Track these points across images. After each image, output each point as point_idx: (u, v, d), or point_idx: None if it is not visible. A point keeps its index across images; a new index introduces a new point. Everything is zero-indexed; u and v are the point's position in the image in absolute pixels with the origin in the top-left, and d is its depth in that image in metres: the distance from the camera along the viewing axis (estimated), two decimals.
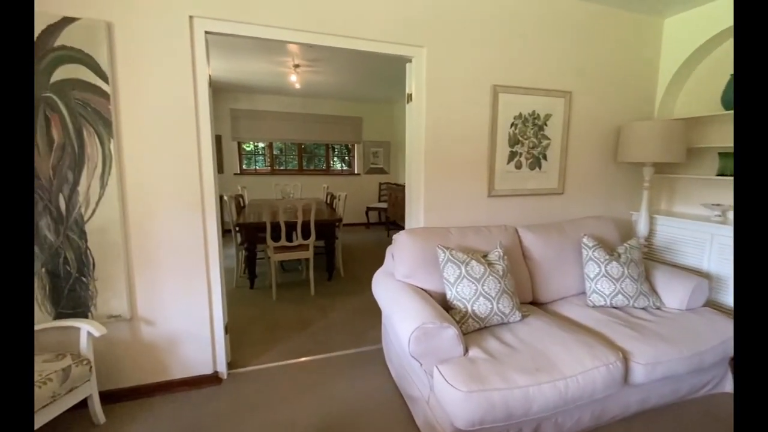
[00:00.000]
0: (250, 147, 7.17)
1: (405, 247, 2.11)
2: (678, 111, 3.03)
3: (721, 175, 2.66)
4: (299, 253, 3.60)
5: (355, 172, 7.71)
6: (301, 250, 3.62)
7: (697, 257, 2.65)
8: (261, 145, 7.17)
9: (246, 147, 7.10)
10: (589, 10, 2.70)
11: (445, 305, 1.93)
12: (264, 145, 7.16)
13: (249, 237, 3.69)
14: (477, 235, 2.25)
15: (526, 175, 2.73)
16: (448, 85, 2.42)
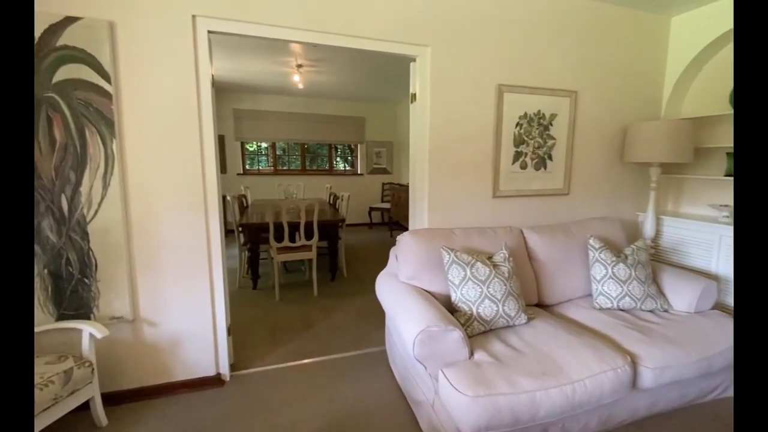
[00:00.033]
0: (253, 147, 7.16)
1: (409, 249, 2.09)
2: (685, 110, 2.99)
3: (729, 175, 2.63)
4: (302, 254, 3.59)
5: (358, 172, 7.70)
6: (304, 250, 3.61)
7: (704, 259, 2.61)
8: (264, 145, 7.17)
9: (249, 147, 7.10)
10: (595, 8, 2.66)
11: (450, 307, 1.91)
12: (267, 145, 7.15)
13: (252, 237, 3.68)
14: (482, 236, 2.23)
15: (532, 176, 2.70)
16: (453, 85, 2.40)
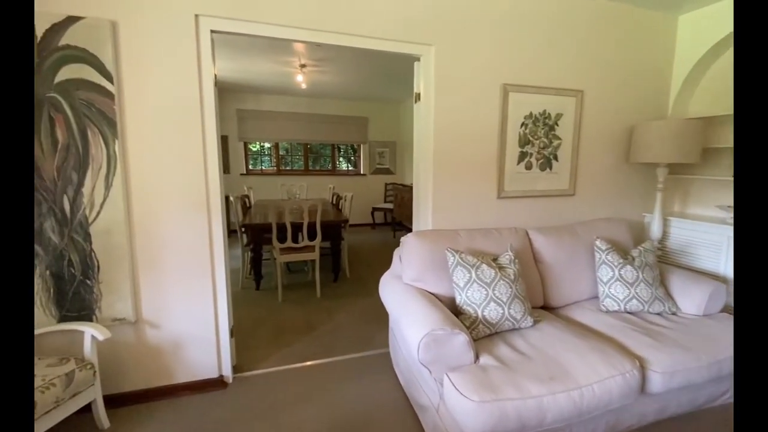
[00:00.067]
0: (256, 147, 7.16)
1: (413, 250, 2.06)
2: (693, 110, 2.95)
3: None
4: (305, 255, 3.57)
5: (361, 172, 7.68)
6: (307, 251, 3.59)
7: (712, 260, 2.57)
8: (267, 145, 7.16)
9: (252, 147, 7.10)
10: (602, 6, 2.63)
11: (455, 310, 1.89)
12: (270, 145, 7.15)
13: (255, 238, 3.67)
14: (487, 237, 2.20)
15: (537, 176, 2.67)
16: (457, 84, 2.37)
